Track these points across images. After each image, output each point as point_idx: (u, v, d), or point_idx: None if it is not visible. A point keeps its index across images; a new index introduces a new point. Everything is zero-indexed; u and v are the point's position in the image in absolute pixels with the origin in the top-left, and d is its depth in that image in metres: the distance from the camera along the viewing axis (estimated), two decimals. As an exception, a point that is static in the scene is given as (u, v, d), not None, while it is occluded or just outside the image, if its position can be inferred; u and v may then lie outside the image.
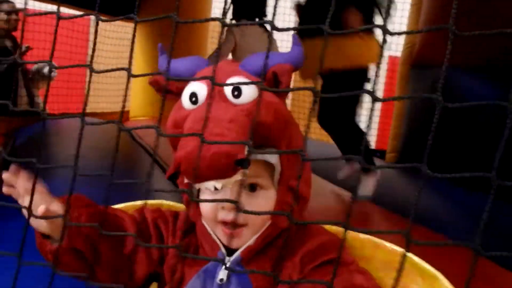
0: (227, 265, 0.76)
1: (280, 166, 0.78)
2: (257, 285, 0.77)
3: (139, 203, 0.92)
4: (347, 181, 2.73)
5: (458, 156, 2.86)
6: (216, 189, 0.76)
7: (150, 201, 0.92)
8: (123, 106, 0.70)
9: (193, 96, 0.77)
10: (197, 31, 4.50)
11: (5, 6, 3.54)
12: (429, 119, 0.76)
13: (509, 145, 0.53)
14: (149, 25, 4.23)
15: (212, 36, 5.04)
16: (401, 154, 3.52)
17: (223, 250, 0.80)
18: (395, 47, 4.67)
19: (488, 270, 1.75)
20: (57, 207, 0.71)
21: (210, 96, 0.74)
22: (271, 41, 0.73)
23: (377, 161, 3.45)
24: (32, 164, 0.57)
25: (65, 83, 4.54)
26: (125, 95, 0.75)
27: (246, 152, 0.69)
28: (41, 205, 0.68)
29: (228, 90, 0.75)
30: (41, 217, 0.67)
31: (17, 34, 3.72)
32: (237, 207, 0.47)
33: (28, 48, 3.63)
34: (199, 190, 0.81)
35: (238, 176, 0.70)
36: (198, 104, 0.76)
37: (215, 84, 0.68)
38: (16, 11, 3.62)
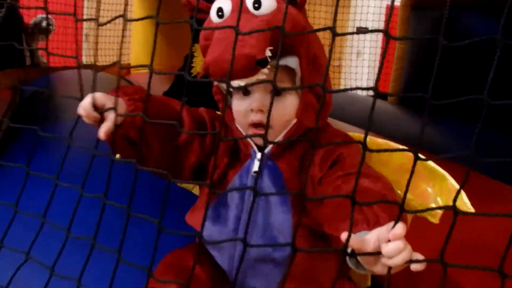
0: (257, 159, 0.90)
1: (300, 72, 0.88)
2: (286, 176, 0.90)
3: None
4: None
5: (460, 94, 2.89)
6: (245, 94, 0.89)
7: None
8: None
9: (220, 11, 0.88)
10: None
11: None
12: (430, 60, 0.81)
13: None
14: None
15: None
16: (402, 96, 3.56)
17: (255, 147, 0.93)
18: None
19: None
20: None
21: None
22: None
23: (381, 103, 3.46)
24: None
25: (64, 36, 4.51)
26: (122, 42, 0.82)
27: (267, 54, 0.80)
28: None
29: (249, 3, 0.85)
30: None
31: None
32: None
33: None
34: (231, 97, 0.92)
35: (259, 75, 0.81)
36: (224, 18, 0.88)
37: None
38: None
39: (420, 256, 0.60)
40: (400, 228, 0.59)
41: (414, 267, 0.60)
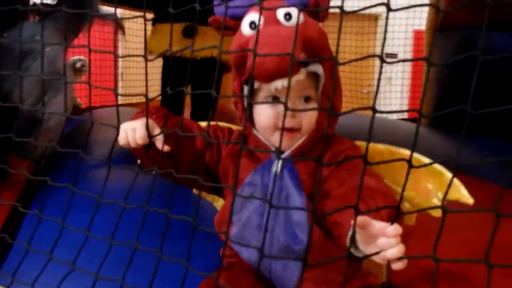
0: (281, 159, 0.98)
1: (324, 78, 0.97)
2: (302, 177, 0.96)
3: (203, 123, 1.13)
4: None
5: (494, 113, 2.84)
6: (274, 99, 0.96)
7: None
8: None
9: (252, 23, 0.95)
10: None
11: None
12: (459, 82, 0.83)
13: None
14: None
15: None
16: (432, 119, 3.52)
17: (273, 149, 1.01)
18: (419, 21, 4.68)
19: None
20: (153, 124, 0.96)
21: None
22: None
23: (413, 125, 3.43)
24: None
25: (98, 76, 4.69)
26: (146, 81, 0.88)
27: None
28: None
29: (281, 15, 0.94)
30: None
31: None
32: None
33: None
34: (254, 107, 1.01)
35: (300, 76, 0.91)
36: (255, 30, 0.95)
37: (265, 9, 0.86)
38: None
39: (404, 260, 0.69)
40: (395, 228, 0.68)
41: (395, 266, 0.69)
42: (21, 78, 1.29)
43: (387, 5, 0.64)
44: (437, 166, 0.97)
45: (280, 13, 0.94)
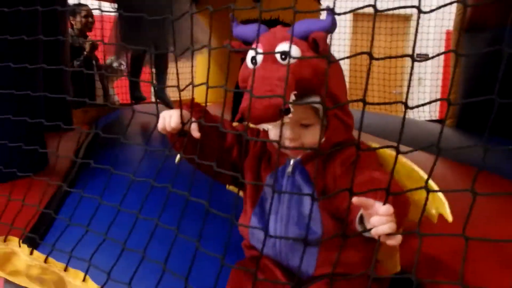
0: (292, 163, 1.11)
1: (322, 107, 1.02)
2: (312, 176, 1.08)
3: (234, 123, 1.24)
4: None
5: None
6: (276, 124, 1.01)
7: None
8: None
9: (253, 59, 1.01)
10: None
11: (83, 10, 3.84)
12: (484, 83, 0.87)
13: None
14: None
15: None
16: (459, 119, 3.53)
17: (290, 156, 1.12)
18: (448, 22, 4.65)
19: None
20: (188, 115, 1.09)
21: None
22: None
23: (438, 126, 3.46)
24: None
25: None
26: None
27: (292, 100, 0.96)
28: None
29: (278, 55, 0.99)
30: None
31: (89, 33, 4.03)
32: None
33: (94, 45, 3.86)
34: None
35: (285, 119, 0.96)
36: (257, 65, 1.00)
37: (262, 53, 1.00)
38: (92, 15, 3.89)
39: (399, 236, 0.79)
40: (387, 208, 0.79)
41: (391, 242, 0.79)
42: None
43: (418, 7, 0.69)
44: (432, 184, 1.05)
45: (278, 50, 1.00)
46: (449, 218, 1.04)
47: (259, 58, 1.00)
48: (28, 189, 1.54)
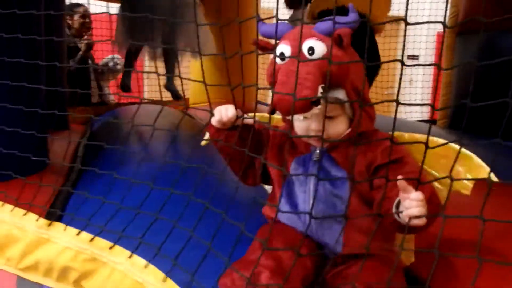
0: (317, 151, 1.19)
1: (348, 99, 1.11)
2: (338, 160, 1.16)
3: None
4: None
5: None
6: (304, 118, 1.13)
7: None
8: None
9: (282, 55, 1.09)
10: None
11: (80, 10, 3.86)
12: (476, 84, 0.93)
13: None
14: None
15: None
16: (451, 120, 3.60)
17: (315, 145, 1.20)
18: (439, 25, 4.68)
19: None
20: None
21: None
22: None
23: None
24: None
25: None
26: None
27: (319, 93, 1.04)
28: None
29: (305, 50, 1.07)
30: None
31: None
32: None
33: (90, 44, 3.87)
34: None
35: (315, 110, 1.05)
36: (285, 61, 1.08)
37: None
38: (89, 15, 3.91)
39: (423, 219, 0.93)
40: (417, 194, 0.93)
41: (417, 222, 0.93)
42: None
43: (405, 19, 0.75)
44: (467, 152, 1.14)
45: (305, 47, 1.07)
46: (495, 178, 1.03)
47: (287, 53, 1.08)
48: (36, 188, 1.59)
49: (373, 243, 1.02)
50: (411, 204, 0.93)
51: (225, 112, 1.20)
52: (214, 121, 1.22)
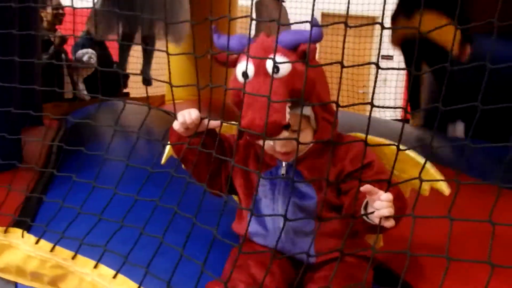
0: (283, 166, 1.17)
1: (314, 114, 1.11)
2: (304, 174, 1.15)
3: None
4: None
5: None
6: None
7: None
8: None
9: (244, 74, 1.04)
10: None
11: (52, 3, 3.80)
12: (447, 86, 0.96)
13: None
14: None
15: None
16: (425, 120, 3.68)
17: (281, 159, 1.17)
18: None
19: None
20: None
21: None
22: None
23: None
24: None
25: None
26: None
27: (287, 111, 1.01)
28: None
29: (269, 68, 1.02)
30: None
31: (59, 27, 4.00)
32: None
33: (63, 38, 3.84)
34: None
35: (284, 134, 1.02)
36: (248, 79, 1.04)
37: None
38: (62, 7, 3.86)
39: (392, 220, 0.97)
40: (387, 195, 0.96)
41: (387, 223, 0.96)
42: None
43: (381, 24, 0.78)
44: (420, 159, 1.18)
45: (269, 66, 1.02)
46: (446, 191, 1.17)
47: (250, 72, 1.04)
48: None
49: (345, 246, 1.04)
50: (382, 205, 0.96)
51: (188, 115, 1.15)
52: (177, 124, 1.16)
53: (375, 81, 0.85)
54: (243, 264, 1.12)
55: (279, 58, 1.02)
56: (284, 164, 1.17)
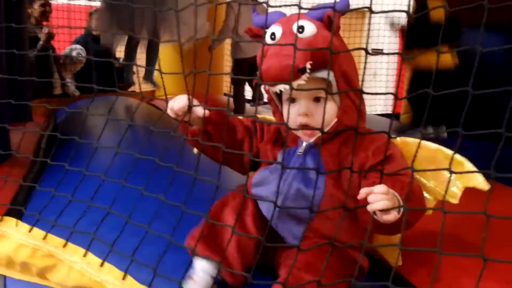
0: (303, 146, 1.19)
1: (336, 82, 1.13)
2: (324, 159, 1.15)
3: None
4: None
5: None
6: (292, 102, 1.16)
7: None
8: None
9: (272, 35, 1.13)
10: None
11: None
12: (436, 79, 0.96)
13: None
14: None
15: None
16: (413, 120, 3.69)
17: (302, 138, 1.20)
18: (403, 19, 4.81)
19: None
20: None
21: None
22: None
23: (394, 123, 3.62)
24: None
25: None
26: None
27: (307, 69, 1.07)
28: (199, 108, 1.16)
29: (295, 28, 1.11)
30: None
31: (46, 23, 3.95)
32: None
33: (50, 34, 3.79)
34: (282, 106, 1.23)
35: (300, 81, 1.06)
36: (275, 40, 1.13)
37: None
38: (49, 3, 3.82)
39: (393, 212, 0.93)
40: (381, 187, 0.92)
41: (385, 217, 0.92)
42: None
43: (370, 8, 0.78)
44: (459, 157, 1.11)
45: (295, 26, 1.11)
46: (486, 186, 1.08)
47: (278, 33, 1.12)
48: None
49: (340, 235, 1.04)
50: (375, 198, 0.92)
51: (176, 102, 1.18)
52: (168, 110, 1.21)
53: (364, 68, 0.85)
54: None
55: (304, 22, 1.11)
56: (304, 144, 1.19)
